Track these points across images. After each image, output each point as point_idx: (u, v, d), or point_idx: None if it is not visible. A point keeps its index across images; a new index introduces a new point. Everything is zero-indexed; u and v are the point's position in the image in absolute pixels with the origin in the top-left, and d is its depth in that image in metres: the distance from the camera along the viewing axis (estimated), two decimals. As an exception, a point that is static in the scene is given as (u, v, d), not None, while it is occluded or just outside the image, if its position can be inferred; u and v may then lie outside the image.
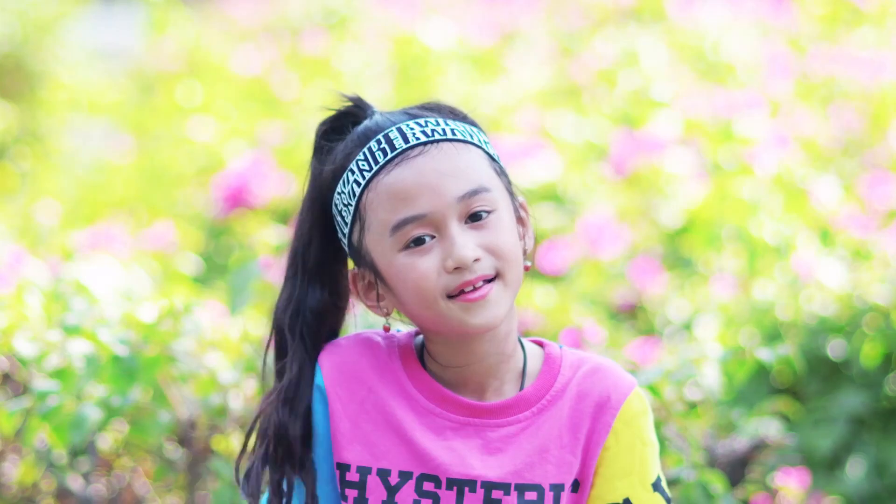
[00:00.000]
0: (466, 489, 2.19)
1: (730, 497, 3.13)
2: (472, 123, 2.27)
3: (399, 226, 2.16)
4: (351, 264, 2.29)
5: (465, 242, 2.15)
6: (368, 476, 2.21)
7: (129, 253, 5.12)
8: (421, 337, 2.29)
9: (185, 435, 3.25)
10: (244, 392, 3.20)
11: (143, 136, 9.04)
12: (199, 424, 3.22)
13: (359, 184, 2.20)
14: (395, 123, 2.22)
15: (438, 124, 2.22)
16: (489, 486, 2.19)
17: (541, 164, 6.45)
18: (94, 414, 3.04)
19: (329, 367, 2.25)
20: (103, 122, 10.40)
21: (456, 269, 2.15)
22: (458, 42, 8.81)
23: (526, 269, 2.25)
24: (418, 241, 2.16)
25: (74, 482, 3.34)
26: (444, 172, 2.17)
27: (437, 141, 2.20)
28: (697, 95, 7.06)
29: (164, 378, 3.17)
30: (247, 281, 3.20)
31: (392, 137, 2.20)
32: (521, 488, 2.19)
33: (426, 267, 2.16)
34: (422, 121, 2.22)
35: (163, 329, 3.13)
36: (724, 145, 6.39)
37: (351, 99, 2.28)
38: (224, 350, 3.31)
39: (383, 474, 2.20)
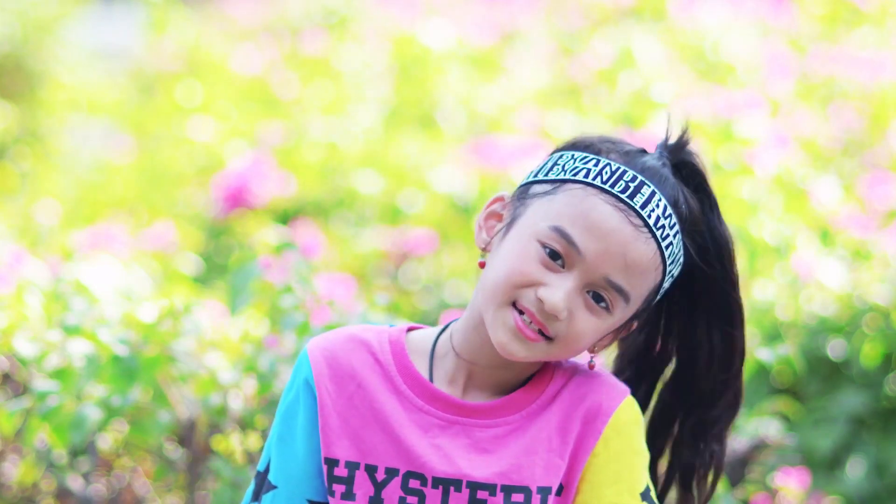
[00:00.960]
0: (452, 488, 2.19)
1: (730, 497, 3.13)
2: (683, 242, 2.24)
3: (560, 233, 2.16)
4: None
5: (569, 301, 2.15)
6: (356, 471, 2.21)
7: (129, 253, 5.12)
8: (415, 332, 2.29)
9: (185, 435, 3.25)
10: (244, 392, 3.20)
11: (143, 136, 9.04)
12: (199, 424, 3.22)
13: (588, 173, 2.19)
14: (658, 189, 2.19)
15: (672, 229, 2.20)
16: (474, 485, 2.19)
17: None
18: (94, 414, 3.04)
19: (318, 360, 2.25)
20: (103, 122, 10.40)
21: (539, 300, 2.15)
22: (457, 42, 8.80)
23: (590, 367, 2.26)
24: (554, 256, 2.16)
25: (74, 482, 3.34)
26: (624, 256, 2.16)
27: (654, 237, 2.18)
28: (697, 95, 7.06)
29: (164, 378, 3.17)
30: (247, 281, 3.19)
31: (640, 190, 2.18)
32: (508, 489, 2.19)
33: (531, 270, 2.16)
34: (668, 210, 2.19)
35: (163, 329, 3.13)
36: (724, 145, 6.39)
37: (683, 140, 2.27)
38: (224, 350, 3.31)
39: (371, 470, 2.20)
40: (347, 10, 9.96)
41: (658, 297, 2.25)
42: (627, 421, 2.24)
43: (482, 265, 2.24)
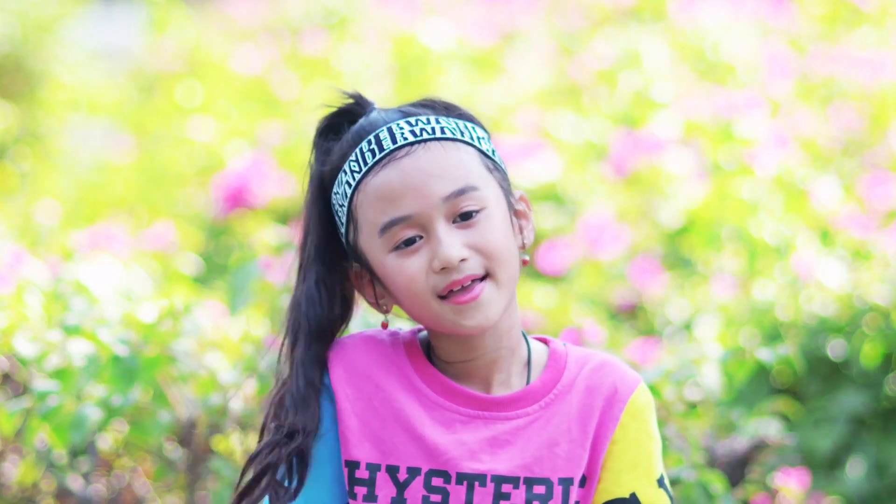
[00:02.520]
0: (476, 483, 2.19)
1: (730, 497, 3.13)
2: (469, 119, 2.26)
3: (386, 227, 2.17)
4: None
5: (452, 242, 2.16)
6: (378, 473, 2.21)
7: (129, 253, 5.12)
8: (426, 332, 2.29)
9: (185, 435, 3.25)
10: (244, 392, 3.20)
11: (143, 136, 9.05)
12: (199, 424, 3.22)
13: (350, 185, 2.21)
14: (386, 123, 2.21)
15: (429, 122, 2.21)
16: (499, 479, 2.19)
17: (541, 164, 6.45)
18: (94, 414, 3.05)
19: (335, 365, 2.25)
20: (103, 122, 10.40)
21: (443, 269, 2.15)
22: (457, 42, 8.81)
23: (524, 263, 2.25)
24: (408, 242, 2.17)
25: (74, 482, 3.34)
26: (430, 173, 2.17)
27: (425, 140, 2.19)
28: (697, 95, 7.06)
29: (164, 378, 3.17)
30: (247, 281, 3.20)
31: (381, 138, 2.20)
32: (530, 482, 2.19)
33: (415, 268, 2.16)
34: (412, 119, 2.21)
35: (163, 329, 3.13)
36: (724, 145, 6.39)
37: (351, 95, 2.28)
38: (224, 350, 3.31)
39: (392, 471, 2.21)
40: (347, 10, 9.97)
41: (497, 159, 2.24)
42: (643, 406, 2.25)
43: (385, 326, 2.26)
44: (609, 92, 7.60)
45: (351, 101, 2.27)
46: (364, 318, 3.13)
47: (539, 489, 2.20)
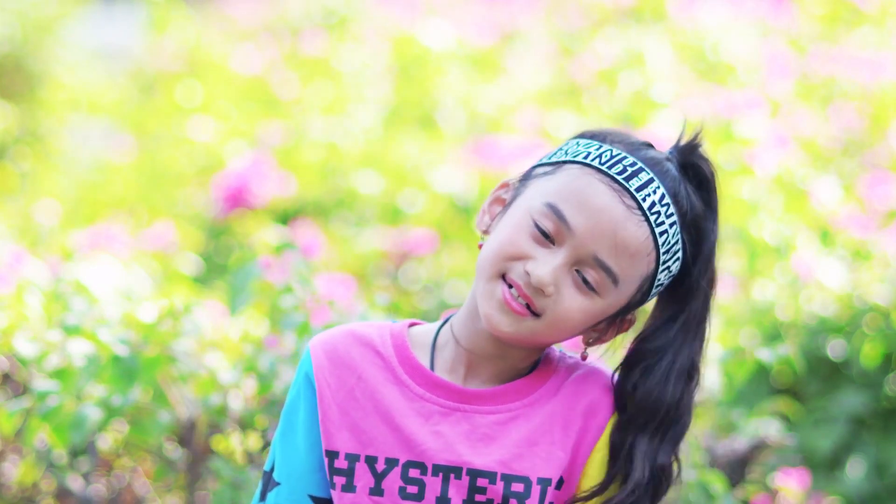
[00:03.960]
0: (452, 476, 2.20)
1: (730, 497, 3.14)
2: (682, 238, 2.22)
3: (552, 209, 2.17)
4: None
5: (556, 276, 2.16)
6: (356, 463, 2.22)
7: (129, 253, 5.11)
8: (416, 327, 2.30)
9: (185, 435, 3.25)
10: (244, 392, 3.20)
11: (143, 136, 9.04)
12: (199, 424, 3.22)
13: (588, 156, 2.21)
14: (657, 178, 2.20)
15: (668, 217, 2.19)
16: (475, 473, 2.20)
17: (541, 164, 6.44)
18: (94, 414, 3.05)
19: (318, 355, 2.27)
20: (103, 122, 10.40)
21: (527, 273, 2.16)
22: (457, 42, 8.81)
23: (583, 358, 2.26)
24: (545, 234, 2.18)
25: (74, 482, 3.34)
26: (615, 234, 2.17)
27: (647, 221, 2.18)
28: (697, 95, 7.06)
29: (164, 378, 3.17)
30: (247, 281, 3.19)
31: (637, 174, 2.20)
32: (509, 479, 2.20)
33: (521, 244, 2.18)
34: (666, 200, 2.19)
35: (163, 329, 3.13)
36: (724, 145, 6.39)
37: (694, 140, 2.29)
38: (224, 350, 3.31)
39: (370, 461, 2.22)
40: (347, 10, 9.96)
41: (654, 290, 2.24)
42: None
43: (481, 248, 2.26)
44: (609, 92, 7.60)
45: (689, 147, 2.27)
46: (364, 316, 3.13)
47: (517, 487, 2.20)
